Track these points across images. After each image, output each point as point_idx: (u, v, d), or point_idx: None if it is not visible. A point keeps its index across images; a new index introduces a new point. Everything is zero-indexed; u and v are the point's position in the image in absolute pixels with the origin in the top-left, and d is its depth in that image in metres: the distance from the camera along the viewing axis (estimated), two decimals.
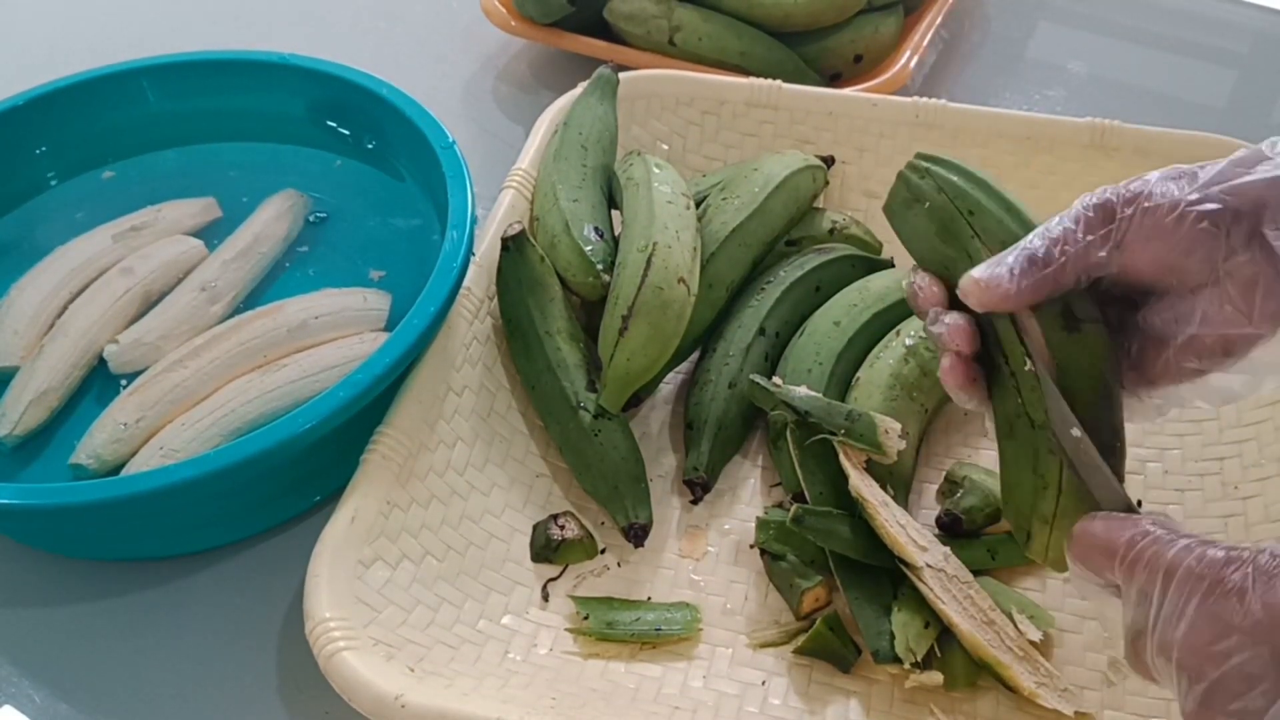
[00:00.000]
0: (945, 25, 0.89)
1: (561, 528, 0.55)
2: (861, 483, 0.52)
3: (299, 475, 0.55)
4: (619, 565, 0.55)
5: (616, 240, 0.60)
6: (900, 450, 0.53)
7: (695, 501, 0.58)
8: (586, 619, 0.52)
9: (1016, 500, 0.44)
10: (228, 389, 0.57)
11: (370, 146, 0.70)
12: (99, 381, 0.60)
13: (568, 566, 0.55)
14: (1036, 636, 0.49)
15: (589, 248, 0.58)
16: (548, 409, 0.58)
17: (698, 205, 0.63)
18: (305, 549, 0.48)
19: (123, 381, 0.59)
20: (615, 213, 0.62)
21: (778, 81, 0.70)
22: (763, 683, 0.51)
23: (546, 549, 0.55)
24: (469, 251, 0.57)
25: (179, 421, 0.56)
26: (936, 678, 0.48)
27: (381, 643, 0.46)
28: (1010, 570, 0.54)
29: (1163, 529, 0.39)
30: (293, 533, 0.57)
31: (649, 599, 0.54)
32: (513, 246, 0.58)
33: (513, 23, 0.85)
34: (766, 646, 0.52)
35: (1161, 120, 0.65)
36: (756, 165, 0.65)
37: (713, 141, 0.72)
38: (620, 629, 0.52)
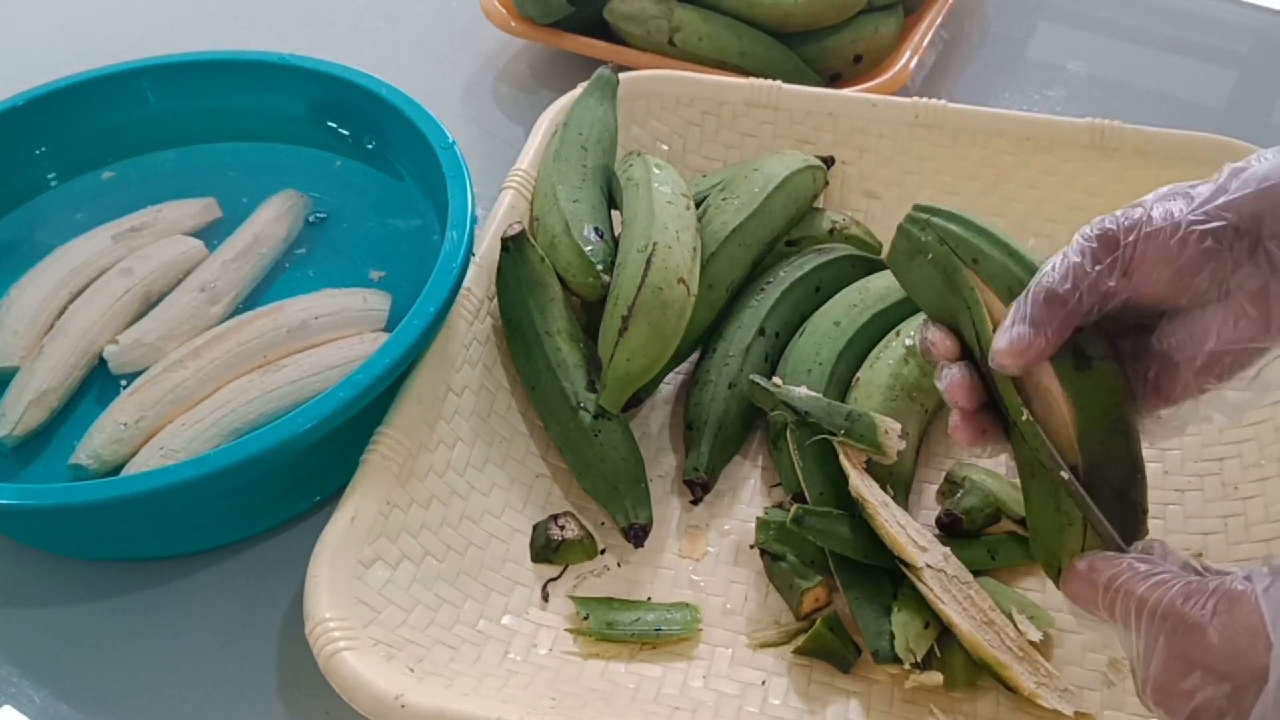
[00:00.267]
0: (945, 25, 0.89)
1: (561, 528, 0.55)
2: (861, 483, 0.52)
3: (299, 475, 0.55)
4: (619, 565, 0.55)
5: (616, 240, 0.60)
6: (900, 450, 0.53)
7: (695, 502, 0.58)
8: (586, 619, 0.52)
9: (1044, 539, 0.45)
10: (228, 389, 0.57)
11: (370, 147, 0.70)
12: (99, 382, 0.60)
13: (568, 567, 0.55)
14: (1036, 637, 0.49)
15: (589, 248, 0.58)
16: (548, 409, 0.58)
17: (698, 205, 0.63)
18: (305, 549, 0.48)
19: (123, 382, 0.59)
20: (615, 213, 0.62)
21: (777, 82, 0.70)
22: (763, 683, 0.51)
23: (546, 549, 0.55)
24: (469, 252, 0.57)
25: (179, 422, 0.56)
26: (936, 678, 0.48)
27: (381, 643, 0.46)
28: (1010, 570, 0.54)
29: (1144, 563, 0.39)
30: (293, 533, 0.57)
31: (649, 599, 0.54)
32: (513, 247, 0.58)
33: (513, 23, 0.85)
34: (766, 647, 0.52)
35: (1161, 120, 0.65)
36: (756, 165, 0.65)
37: (713, 142, 0.72)
38: (620, 629, 0.52)
